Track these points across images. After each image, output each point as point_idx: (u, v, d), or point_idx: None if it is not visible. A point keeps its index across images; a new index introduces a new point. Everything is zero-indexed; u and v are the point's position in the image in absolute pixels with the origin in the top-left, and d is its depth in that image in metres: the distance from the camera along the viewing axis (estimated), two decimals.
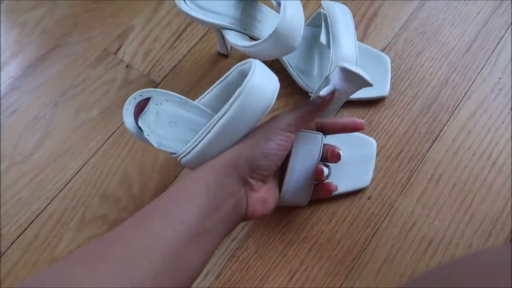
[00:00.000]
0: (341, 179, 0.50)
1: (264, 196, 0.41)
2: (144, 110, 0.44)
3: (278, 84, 0.42)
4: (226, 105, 0.39)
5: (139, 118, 0.44)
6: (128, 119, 0.44)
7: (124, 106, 0.44)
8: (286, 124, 0.41)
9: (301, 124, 0.42)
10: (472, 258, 0.24)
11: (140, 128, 0.44)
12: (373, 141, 0.52)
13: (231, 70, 0.44)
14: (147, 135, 0.44)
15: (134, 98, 0.44)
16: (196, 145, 0.41)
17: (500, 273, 0.20)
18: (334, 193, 0.49)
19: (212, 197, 0.36)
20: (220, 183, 0.37)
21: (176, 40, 0.61)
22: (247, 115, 0.39)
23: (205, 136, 0.40)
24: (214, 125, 0.39)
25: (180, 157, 0.42)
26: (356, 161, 0.51)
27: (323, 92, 0.42)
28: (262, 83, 0.39)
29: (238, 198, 0.38)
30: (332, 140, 0.48)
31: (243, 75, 0.42)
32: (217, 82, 0.45)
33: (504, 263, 0.21)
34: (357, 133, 0.52)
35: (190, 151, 0.41)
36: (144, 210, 0.36)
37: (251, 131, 0.41)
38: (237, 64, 0.43)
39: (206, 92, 0.46)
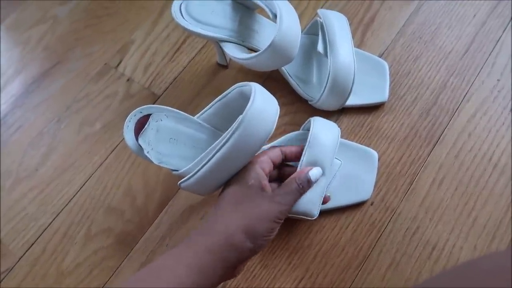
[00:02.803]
0: (342, 192, 0.50)
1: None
2: (144, 128, 0.44)
3: (278, 107, 0.41)
4: (227, 132, 0.39)
5: (139, 137, 0.44)
6: (128, 136, 0.44)
7: (125, 123, 0.44)
8: (282, 214, 0.40)
9: (289, 211, 0.42)
10: (471, 265, 0.24)
11: (140, 145, 0.44)
12: (374, 153, 0.52)
13: (231, 89, 0.44)
14: (147, 152, 0.44)
15: (134, 115, 0.45)
16: (197, 171, 0.40)
17: (499, 280, 0.21)
18: (335, 205, 0.50)
19: (203, 283, 0.36)
20: (212, 269, 0.36)
21: (175, 53, 0.62)
22: (250, 141, 0.39)
23: (206, 163, 0.40)
24: (216, 153, 0.39)
25: (180, 182, 0.42)
26: (357, 173, 0.51)
27: (313, 177, 0.43)
28: (263, 109, 0.39)
29: (226, 275, 0.38)
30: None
31: (242, 95, 0.43)
32: (216, 99, 0.45)
33: (503, 269, 0.21)
34: (358, 145, 0.52)
35: (190, 177, 0.41)
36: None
37: (246, 193, 0.40)
38: (236, 85, 0.43)
39: (205, 109, 0.46)
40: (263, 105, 0.39)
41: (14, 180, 0.56)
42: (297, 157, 0.45)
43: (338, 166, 0.50)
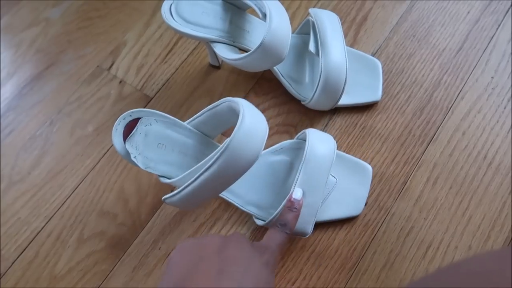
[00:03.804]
0: (332, 206, 0.49)
1: None
2: (132, 132, 0.44)
3: (267, 125, 0.40)
4: (214, 153, 0.38)
5: (126, 141, 0.44)
6: (116, 140, 0.44)
7: (114, 126, 0.44)
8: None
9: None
10: (453, 268, 0.24)
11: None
12: (369, 167, 0.51)
13: (220, 102, 0.43)
14: (134, 157, 0.43)
15: (124, 119, 0.44)
16: (183, 189, 0.40)
17: (479, 283, 0.20)
18: (324, 219, 0.49)
19: None
20: None
21: (168, 54, 0.62)
22: (237, 165, 0.38)
23: (192, 183, 0.39)
24: (203, 173, 0.38)
25: (163, 198, 0.42)
26: (349, 187, 0.50)
27: (296, 196, 0.42)
28: (251, 131, 0.38)
29: None
30: None
31: (231, 110, 0.42)
32: (206, 108, 0.45)
33: (485, 272, 0.21)
34: (354, 158, 0.51)
35: (175, 195, 0.40)
36: None
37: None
38: (226, 99, 0.42)
39: (195, 116, 0.46)
40: (251, 127, 0.38)
41: (7, 184, 0.55)
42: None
43: (333, 184, 0.48)
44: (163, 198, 0.42)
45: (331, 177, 0.47)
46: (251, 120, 0.38)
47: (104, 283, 0.49)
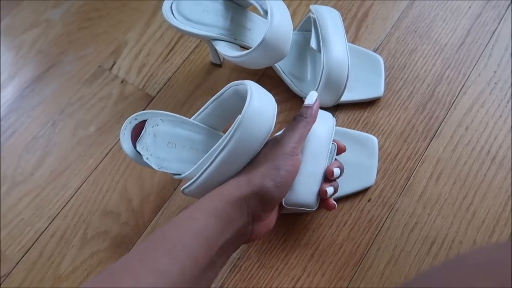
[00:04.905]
0: (346, 180, 0.49)
1: (268, 220, 0.40)
2: (141, 134, 0.44)
3: (276, 103, 0.41)
4: (227, 134, 0.38)
5: (137, 143, 0.44)
6: (126, 144, 0.44)
7: (121, 131, 0.44)
8: (292, 148, 0.39)
9: (302, 142, 0.41)
10: (460, 260, 0.24)
11: (139, 152, 0.44)
12: (374, 138, 0.52)
13: (225, 88, 0.43)
14: (147, 158, 0.43)
15: (130, 123, 0.44)
16: (199, 177, 0.40)
17: (485, 275, 0.20)
18: (340, 194, 0.49)
19: (221, 231, 0.35)
20: (231, 217, 0.36)
21: (169, 53, 0.62)
22: (249, 142, 0.38)
23: (207, 168, 0.39)
24: (217, 156, 0.38)
25: (182, 188, 0.42)
26: (358, 161, 0.51)
27: (309, 101, 0.42)
28: (261, 107, 0.38)
29: (245, 229, 0.38)
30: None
31: (237, 94, 0.42)
32: (211, 99, 0.45)
33: (490, 264, 0.21)
34: (357, 132, 0.52)
35: (192, 183, 0.40)
36: (152, 241, 0.34)
37: (255, 158, 0.40)
38: (231, 84, 0.43)
39: (201, 110, 0.46)
40: (261, 103, 0.39)
41: (10, 185, 0.55)
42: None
43: (334, 151, 0.47)
44: (182, 188, 0.42)
45: (331, 145, 0.47)
46: (260, 96, 0.39)
47: None
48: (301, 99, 0.55)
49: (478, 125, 0.53)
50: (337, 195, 0.49)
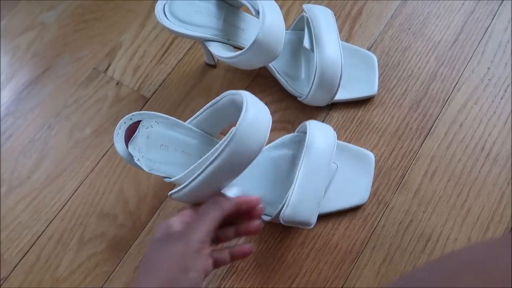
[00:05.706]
0: (338, 196, 0.49)
1: None
2: (134, 135, 0.44)
3: (270, 116, 0.40)
4: (220, 144, 0.38)
5: (129, 144, 0.44)
6: (119, 144, 0.44)
7: (115, 131, 0.44)
8: (199, 243, 0.35)
9: (214, 234, 0.37)
10: (449, 258, 0.24)
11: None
12: (371, 154, 0.51)
13: (221, 96, 0.43)
14: (138, 160, 0.43)
15: (125, 122, 0.44)
16: (189, 183, 0.39)
17: (474, 272, 0.20)
18: (331, 210, 0.49)
19: None
20: None
21: (164, 54, 0.62)
22: (242, 155, 0.38)
23: (198, 176, 0.39)
24: (208, 166, 0.38)
25: (170, 193, 0.41)
26: (353, 177, 0.50)
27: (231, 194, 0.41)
28: (256, 120, 0.38)
29: None
30: None
31: (233, 103, 0.42)
32: (207, 106, 0.45)
33: (477, 261, 0.21)
34: (356, 147, 0.51)
35: (182, 188, 0.40)
36: None
37: (159, 257, 0.36)
38: (227, 92, 0.42)
39: (196, 115, 0.46)
40: (256, 116, 0.38)
41: (7, 189, 0.56)
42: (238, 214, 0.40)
43: (334, 170, 0.48)
44: (169, 193, 0.42)
45: (332, 164, 0.47)
46: (255, 109, 0.39)
47: (106, 284, 0.50)
48: (295, 99, 0.55)
49: (472, 121, 0.53)
50: (328, 210, 0.49)
